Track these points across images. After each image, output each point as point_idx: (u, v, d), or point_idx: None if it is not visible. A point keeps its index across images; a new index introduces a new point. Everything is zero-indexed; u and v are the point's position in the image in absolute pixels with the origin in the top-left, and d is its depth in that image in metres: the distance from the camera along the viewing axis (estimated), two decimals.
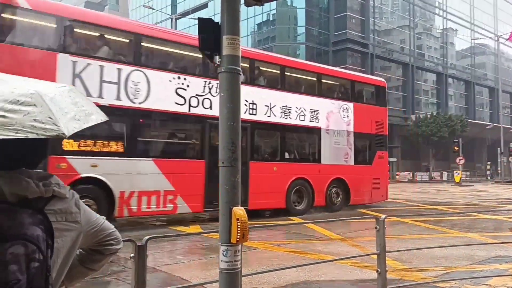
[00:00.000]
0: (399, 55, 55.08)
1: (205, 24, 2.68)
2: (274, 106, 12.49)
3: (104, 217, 1.61)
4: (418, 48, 57.10)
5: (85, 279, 1.73)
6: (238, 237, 2.14)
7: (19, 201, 1.25)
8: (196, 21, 2.71)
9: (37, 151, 1.39)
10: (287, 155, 13.02)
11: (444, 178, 46.65)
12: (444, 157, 52.49)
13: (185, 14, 52.93)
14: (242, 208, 2.23)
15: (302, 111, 13.09)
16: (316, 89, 14.10)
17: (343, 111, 14.09)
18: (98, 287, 5.42)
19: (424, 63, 57.50)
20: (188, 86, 10.85)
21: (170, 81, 10.62)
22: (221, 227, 2.19)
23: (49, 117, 1.21)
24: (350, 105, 14.35)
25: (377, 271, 3.95)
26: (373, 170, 14.86)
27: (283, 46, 47.76)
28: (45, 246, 1.23)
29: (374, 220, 4.03)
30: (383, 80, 16.68)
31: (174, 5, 61.13)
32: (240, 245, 2.22)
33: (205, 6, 54.70)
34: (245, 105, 11.66)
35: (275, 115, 12.50)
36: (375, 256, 4.05)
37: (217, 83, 3.14)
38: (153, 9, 44.58)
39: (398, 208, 15.57)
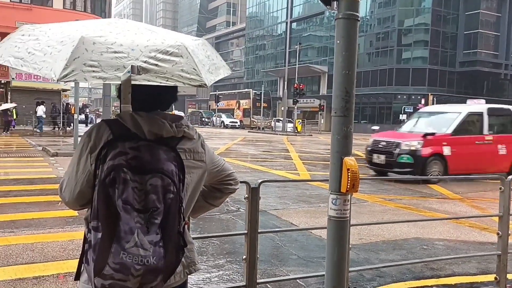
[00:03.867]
0: None
1: None
2: None
3: (224, 159, 1.75)
4: None
5: (205, 215, 1.92)
6: (348, 186, 2.15)
7: (155, 139, 1.41)
8: None
9: (170, 95, 1.55)
10: None
11: None
12: None
13: None
14: (353, 158, 2.23)
15: None
16: None
17: None
18: (216, 223, 5.92)
19: None
20: None
21: None
22: (331, 176, 2.21)
23: (194, 68, 1.35)
24: None
25: (497, 233, 3.69)
26: None
27: None
28: (178, 180, 1.38)
29: (499, 181, 3.73)
30: None
31: None
32: (349, 195, 2.23)
33: None
34: None
35: None
36: (496, 219, 3.78)
37: None
38: None
39: None
